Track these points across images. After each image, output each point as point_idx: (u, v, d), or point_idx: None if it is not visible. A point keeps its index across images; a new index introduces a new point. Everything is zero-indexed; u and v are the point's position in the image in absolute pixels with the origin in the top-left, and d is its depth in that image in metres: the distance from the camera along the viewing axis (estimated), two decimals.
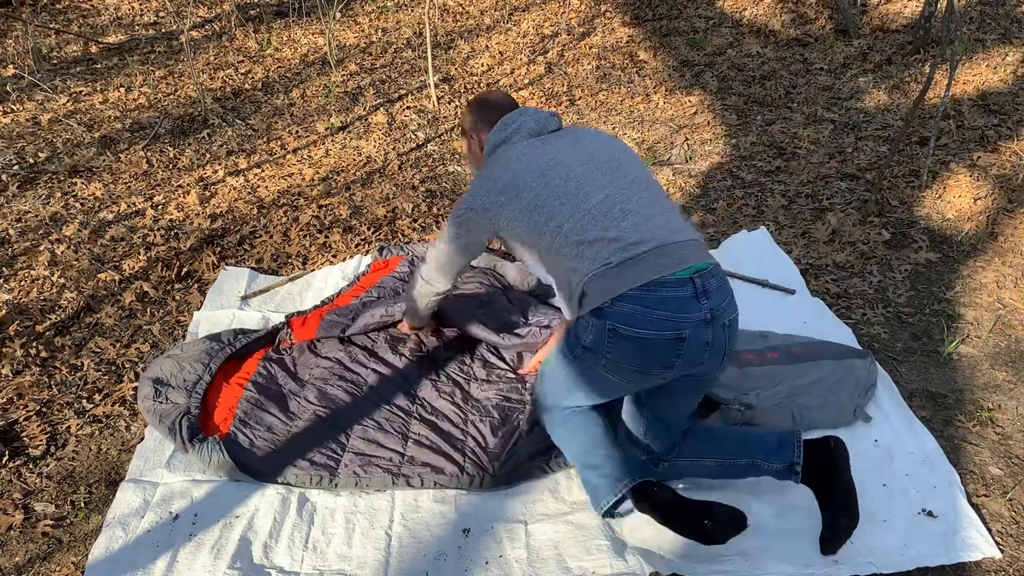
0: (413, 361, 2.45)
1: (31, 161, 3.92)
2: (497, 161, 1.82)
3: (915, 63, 4.68)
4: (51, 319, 2.80)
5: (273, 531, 1.94)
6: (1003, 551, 1.84)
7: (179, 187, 3.74)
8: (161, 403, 2.24)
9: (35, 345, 2.65)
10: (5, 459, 2.19)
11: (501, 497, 2.03)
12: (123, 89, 4.80)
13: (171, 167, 3.95)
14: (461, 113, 2.10)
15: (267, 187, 3.74)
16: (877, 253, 3.04)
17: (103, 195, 3.65)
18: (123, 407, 2.40)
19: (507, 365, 2.43)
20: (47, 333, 2.74)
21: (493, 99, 1.98)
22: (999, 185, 3.36)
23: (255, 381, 2.36)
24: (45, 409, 2.39)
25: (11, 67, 4.96)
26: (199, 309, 2.85)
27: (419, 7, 6.16)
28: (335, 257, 3.18)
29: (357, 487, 2.05)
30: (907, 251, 3.04)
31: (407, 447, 2.14)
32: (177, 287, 3.01)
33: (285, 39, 5.63)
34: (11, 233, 3.33)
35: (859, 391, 2.22)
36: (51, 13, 5.95)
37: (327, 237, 3.31)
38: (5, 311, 2.81)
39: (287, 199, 3.63)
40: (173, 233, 3.35)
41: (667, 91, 4.70)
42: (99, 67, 5.13)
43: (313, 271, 3.07)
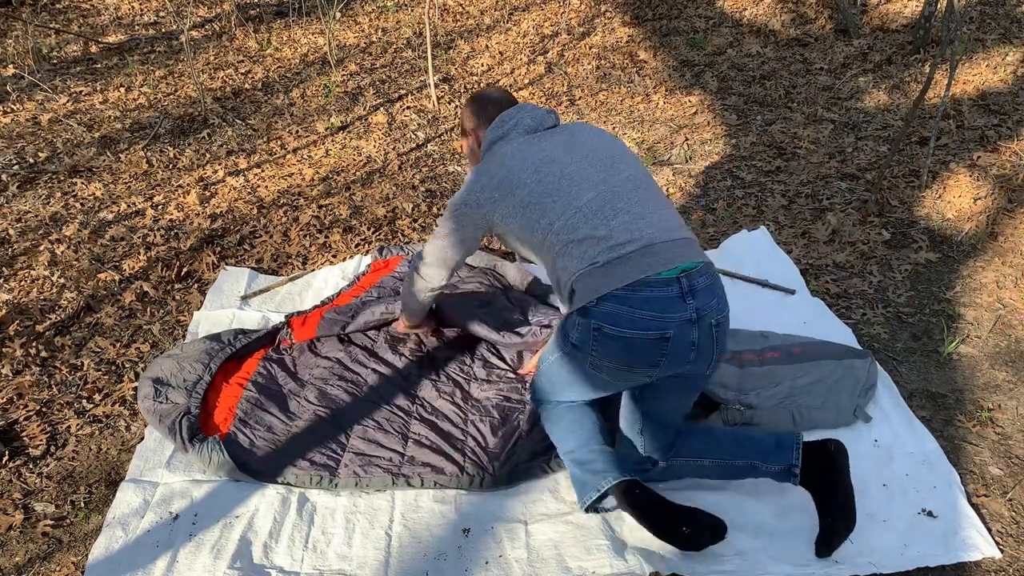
0: (413, 361, 2.45)
1: (31, 161, 3.92)
2: (493, 157, 1.83)
3: (915, 63, 4.68)
4: (51, 319, 2.80)
5: (273, 531, 1.94)
6: (1003, 551, 1.84)
7: (179, 187, 3.74)
8: (161, 403, 2.24)
9: (35, 345, 2.65)
10: (5, 459, 2.19)
11: (501, 497, 2.03)
12: (123, 89, 4.80)
13: (171, 167, 3.95)
14: (460, 112, 2.10)
15: (267, 187, 3.75)
16: (877, 253, 3.04)
17: (103, 195, 3.65)
18: (123, 407, 2.40)
19: (507, 365, 2.44)
20: (47, 333, 2.74)
21: (491, 96, 1.98)
22: (999, 185, 3.36)
23: (255, 381, 2.36)
24: (45, 409, 2.40)
25: (11, 67, 4.96)
26: (199, 309, 2.85)
27: (419, 7, 6.16)
28: (335, 257, 3.18)
29: (357, 487, 2.05)
30: (907, 251, 3.04)
31: (407, 447, 2.14)
32: (177, 287, 3.01)
33: (285, 39, 5.63)
34: (11, 233, 3.33)
35: (859, 391, 2.22)
36: (51, 13, 5.95)
37: (327, 237, 3.31)
38: (5, 311, 2.81)
39: (287, 199, 3.63)
40: (173, 233, 3.35)
41: (667, 91, 4.70)
42: (99, 67, 5.13)
43: (313, 271, 3.07)
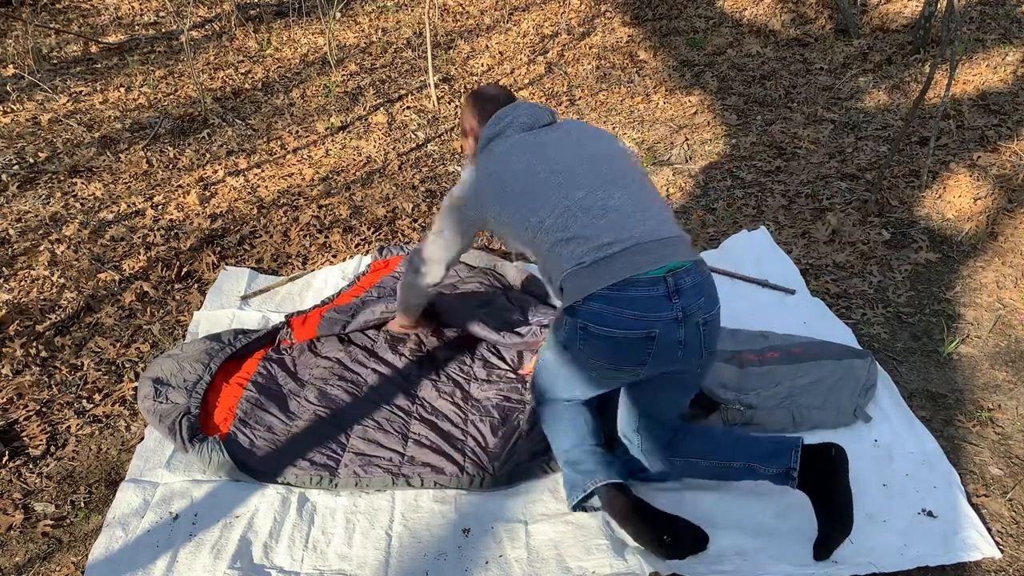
0: (413, 361, 2.45)
1: (31, 161, 3.92)
2: (488, 155, 1.84)
3: (915, 63, 4.68)
4: (51, 319, 2.80)
5: (273, 531, 1.94)
6: (1003, 551, 1.84)
7: (179, 187, 3.74)
8: (161, 403, 2.24)
9: (35, 345, 2.65)
10: (5, 459, 2.19)
11: (501, 497, 2.03)
12: (123, 89, 4.80)
13: (171, 167, 3.95)
14: (460, 110, 2.11)
15: (267, 187, 3.74)
16: (877, 253, 3.04)
17: (103, 195, 3.65)
18: (123, 407, 2.40)
19: (507, 365, 2.44)
20: (47, 333, 2.74)
21: (490, 93, 1.98)
22: (999, 185, 3.36)
23: (255, 381, 2.36)
24: (45, 409, 2.40)
25: (11, 67, 4.96)
26: (199, 309, 2.85)
27: (419, 7, 6.16)
28: (335, 257, 3.18)
29: (357, 487, 2.05)
30: (907, 251, 3.04)
31: (407, 447, 2.14)
32: (177, 287, 3.01)
33: (285, 39, 5.63)
34: (11, 233, 3.33)
35: (859, 391, 2.22)
36: (51, 13, 5.95)
37: (327, 237, 3.31)
38: (5, 311, 2.81)
39: (287, 199, 3.63)
40: (173, 233, 3.35)
41: (667, 91, 4.70)
42: (99, 67, 5.13)
43: (313, 271, 3.07)
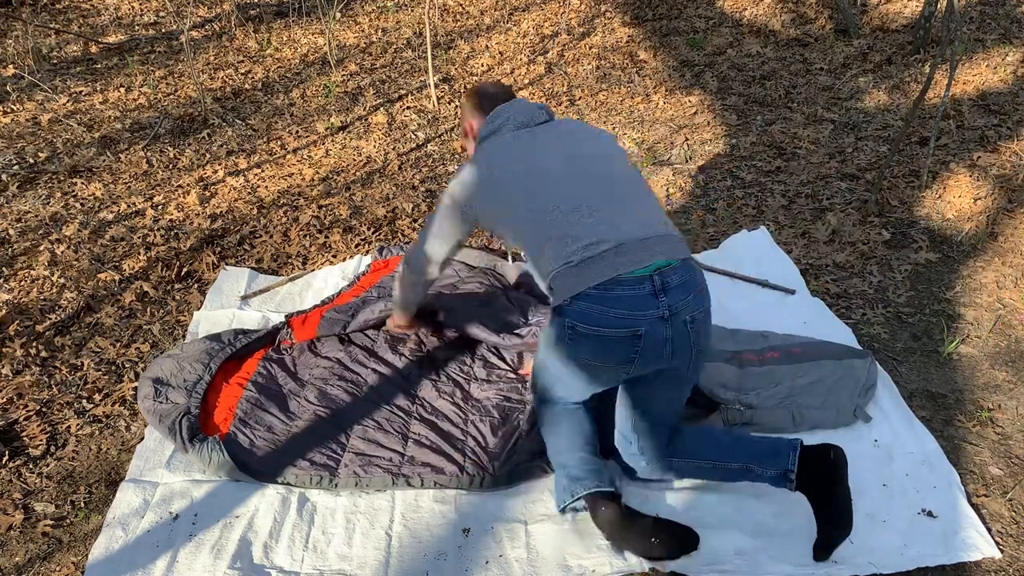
0: (413, 361, 2.45)
1: (31, 161, 3.92)
2: (482, 153, 1.85)
3: (915, 63, 4.68)
4: (51, 319, 2.80)
5: (273, 531, 1.94)
6: (1003, 551, 1.84)
7: (179, 187, 3.74)
8: (161, 403, 2.24)
9: (35, 345, 2.65)
10: (5, 459, 2.19)
11: (501, 497, 2.03)
12: (123, 89, 4.80)
13: (171, 167, 3.95)
14: (460, 109, 2.11)
15: (267, 187, 3.74)
16: (877, 253, 3.04)
17: (103, 195, 3.65)
18: (123, 407, 2.40)
19: (507, 365, 2.44)
20: (47, 333, 2.74)
21: (488, 90, 1.98)
22: (999, 185, 3.36)
23: (255, 381, 2.36)
24: (45, 409, 2.39)
25: (11, 67, 4.96)
26: (199, 309, 2.85)
27: (419, 7, 6.16)
28: (335, 257, 3.18)
29: (357, 487, 2.05)
30: (907, 251, 3.04)
31: (407, 447, 2.14)
32: (177, 287, 3.01)
33: (285, 39, 5.63)
34: (11, 233, 3.33)
35: (859, 391, 2.22)
36: (51, 13, 5.95)
37: (327, 237, 3.31)
38: (5, 311, 2.81)
39: (287, 199, 3.63)
40: (173, 233, 3.35)
41: (667, 91, 4.70)
42: (99, 67, 5.13)
43: (313, 271, 3.07)
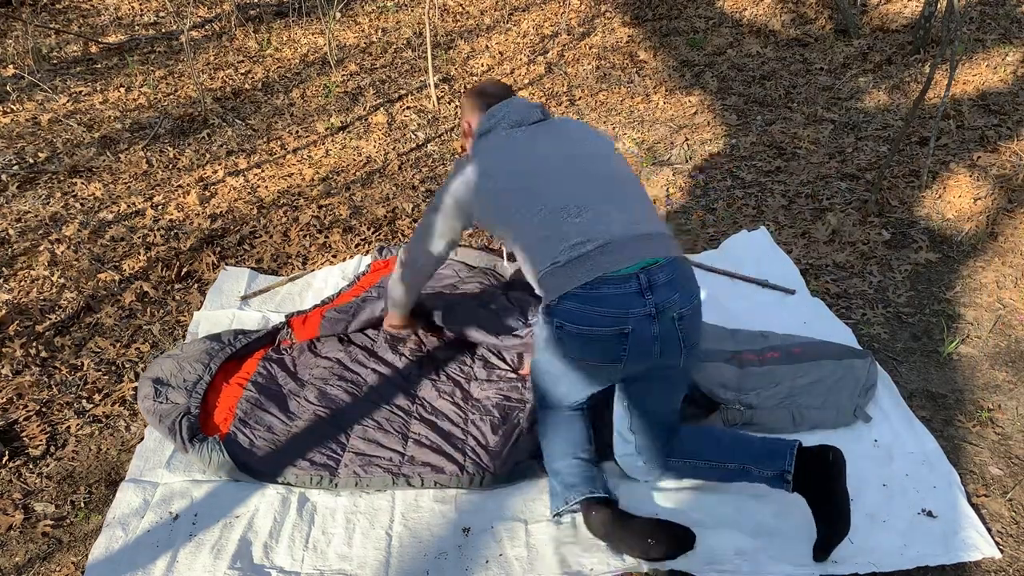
0: (413, 361, 2.45)
1: (31, 161, 3.92)
2: (477, 151, 1.85)
3: (915, 63, 4.68)
4: (51, 319, 2.80)
5: (273, 531, 1.94)
6: (1003, 551, 1.84)
7: (179, 187, 3.74)
8: (161, 403, 2.24)
9: (35, 345, 2.65)
10: (5, 459, 2.19)
11: (501, 496, 2.03)
12: (123, 89, 4.80)
13: (171, 167, 3.95)
14: (460, 107, 2.12)
15: (267, 187, 3.75)
16: (877, 253, 3.04)
17: (103, 195, 3.65)
18: (123, 407, 2.40)
19: (507, 365, 2.44)
20: (47, 333, 2.74)
21: (487, 89, 1.99)
22: (999, 185, 3.36)
23: (255, 381, 2.36)
24: (45, 409, 2.40)
25: (11, 67, 4.96)
26: (199, 309, 2.85)
27: (419, 7, 6.16)
28: (335, 257, 3.18)
29: (357, 487, 2.05)
30: (907, 251, 3.04)
31: (407, 447, 2.14)
32: (177, 287, 3.01)
33: (285, 39, 5.63)
34: (11, 233, 3.33)
35: (859, 391, 2.22)
36: (51, 13, 5.95)
37: (327, 237, 3.31)
38: (5, 311, 2.81)
39: (287, 199, 3.63)
40: (173, 233, 3.35)
41: (667, 91, 4.70)
42: (99, 67, 5.13)
43: (313, 271, 3.07)
